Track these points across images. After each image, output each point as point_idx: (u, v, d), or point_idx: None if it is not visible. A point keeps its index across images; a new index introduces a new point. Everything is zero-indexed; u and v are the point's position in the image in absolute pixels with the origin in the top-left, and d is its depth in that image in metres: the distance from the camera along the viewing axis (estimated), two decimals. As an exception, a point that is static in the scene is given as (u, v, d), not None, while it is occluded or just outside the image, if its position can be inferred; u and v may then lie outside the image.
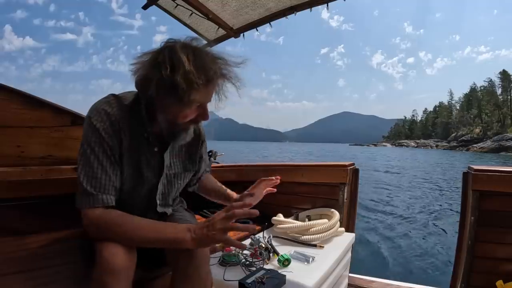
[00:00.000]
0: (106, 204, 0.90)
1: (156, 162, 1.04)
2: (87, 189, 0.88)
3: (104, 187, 0.91)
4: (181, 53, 0.84)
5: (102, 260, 0.81)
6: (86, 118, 0.94)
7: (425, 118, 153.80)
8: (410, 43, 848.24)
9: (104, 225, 0.87)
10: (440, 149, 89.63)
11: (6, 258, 1.09)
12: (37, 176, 1.41)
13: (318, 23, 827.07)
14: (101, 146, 0.91)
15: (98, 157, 0.91)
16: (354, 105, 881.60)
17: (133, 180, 1.00)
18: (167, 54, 0.85)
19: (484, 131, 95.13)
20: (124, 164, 0.96)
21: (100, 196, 0.89)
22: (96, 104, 0.95)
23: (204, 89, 0.88)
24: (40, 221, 1.38)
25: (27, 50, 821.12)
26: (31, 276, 0.97)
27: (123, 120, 0.94)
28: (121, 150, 0.95)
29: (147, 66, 0.88)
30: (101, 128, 0.91)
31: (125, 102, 0.97)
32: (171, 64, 0.83)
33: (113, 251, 0.82)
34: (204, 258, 0.98)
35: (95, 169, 0.90)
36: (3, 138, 1.41)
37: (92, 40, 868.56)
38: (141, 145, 0.99)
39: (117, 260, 0.81)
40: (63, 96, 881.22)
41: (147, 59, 0.89)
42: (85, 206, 0.89)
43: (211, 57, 0.91)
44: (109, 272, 0.79)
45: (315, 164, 1.97)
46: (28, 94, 1.49)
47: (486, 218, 1.44)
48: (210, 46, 2.22)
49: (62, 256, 1.13)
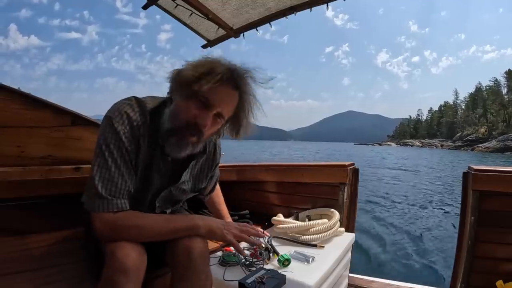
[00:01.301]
0: (120, 209, 0.91)
1: (167, 171, 1.05)
2: (102, 193, 0.88)
3: (119, 191, 0.91)
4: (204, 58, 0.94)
5: (114, 260, 0.82)
6: (106, 117, 0.93)
7: (430, 117, 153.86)
8: (415, 42, 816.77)
9: (120, 228, 0.89)
10: (445, 149, 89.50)
11: (7, 258, 1.10)
12: (37, 176, 1.42)
13: (323, 21, 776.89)
14: (120, 149, 0.91)
15: (116, 161, 0.91)
16: (359, 104, 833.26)
17: (141, 184, 1.01)
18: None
19: (490, 131, 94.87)
20: (137, 167, 0.97)
21: (115, 201, 0.90)
22: (118, 105, 0.95)
23: (210, 84, 0.90)
24: (40, 221, 1.39)
25: (32, 49, 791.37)
26: (31, 276, 0.98)
27: (143, 126, 0.95)
28: (138, 155, 0.96)
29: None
30: (122, 132, 0.91)
31: (147, 107, 0.97)
32: (191, 64, 0.93)
33: (126, 251, 0.84)
34: (203, 258, 0.99)
35: (112, 173, 0.90)
36: (3, 138, 1.42)
37: (96, 39, 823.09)
38: (156, 151, 0.99)
39: (130, 260, 0.83)
40: (68, 94, 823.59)
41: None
42: (99, 210, 0.89)
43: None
44: (121, 272, 0.80)
45: (315, 164, 1.98)
46: (28, 94, 1.51)
47: (486, 218, 1.45)
48: (211, 46, 2.24)
49: (63, 256, 1.14)
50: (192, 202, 1.42)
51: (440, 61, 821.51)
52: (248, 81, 0.97)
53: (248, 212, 1.98)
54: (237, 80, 0.95)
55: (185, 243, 0.98)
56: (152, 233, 0.92)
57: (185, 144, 0.96)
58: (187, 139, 0.95)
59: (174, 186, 1.09)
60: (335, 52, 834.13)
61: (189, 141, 0.96)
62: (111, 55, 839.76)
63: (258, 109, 1.03)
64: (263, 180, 2.11)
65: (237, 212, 1.91)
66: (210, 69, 0.90)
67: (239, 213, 1.93)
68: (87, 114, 1.24)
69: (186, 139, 0.95)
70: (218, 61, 0.94)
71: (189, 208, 1.36)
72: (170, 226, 0.94)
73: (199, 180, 1.20)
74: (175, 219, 0.97)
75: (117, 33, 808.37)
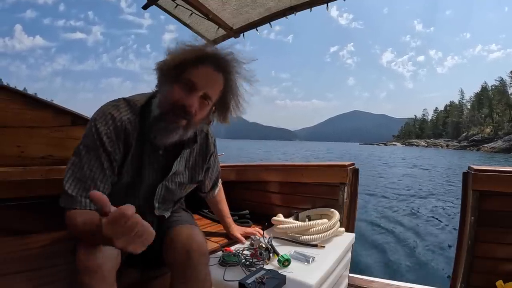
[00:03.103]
0: (83, 207, 0.89)
1: (159, 165, 1.06)
2: (67, 190, 0.89)
3: (87, 191, 0.90)
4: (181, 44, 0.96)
5: (77, 261, 0.81)
6: (91, 119, 0.96)
7: (435, 117, 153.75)
8: (420, 41, 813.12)
9: (70, 227, 0.88)
10: (451, 149, 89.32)
11: (6, 258, 1.10)
12: (37, 176, 1.43)
13: (327, 21, 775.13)
14: (96, 150, 0.92)
15: (90, 161, 0.91)
16: (364, 104, 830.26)
17: (131, 180, 1.02)
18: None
19: (495, 131, 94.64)
20: (127, 164, 0.99)
21: (80, 199, 0.89)
22: (103, 107, 0.97)
23: (193, 67, 0.93)
24: (40, 221, 1.39)
25: (37, 49, 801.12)
26: (31, 276, 0.99)
27: (132, 123, 0.97)
28: (127, 154, 0.97)
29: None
30: (103, 132, 0.92)
31: (136, 105, 0.99)
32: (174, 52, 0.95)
33: (88, 250, 0.82)
34: (203, 258, 1.00)
35: (83, 172, 0.90)
36: (3, 138, 1.43)
37: (101, 39, 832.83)
38: (146, 146, 1.01)
39: (92, 260, 0.80)
40: (74, 94, 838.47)
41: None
42: (64, 207, 0.89)
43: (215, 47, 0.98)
44: (86, 273, 0.79)
45: (315, 164, 2.00)
46: (28, 94, 1.53)
47: (486, 218, 1.47)
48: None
49: (63, 256, 1.14)
50: (192, 201, 1.44)
51: (446, 61, 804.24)
52: (233, 63, 0.98)
53: (248, 212, 2.00)
54: (220, 61, 0.96)
55: (184, 243, 1.00)
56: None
57: (174, 128, 0.96)
58: (177, 123, 0.95)
59: (168, 179, 1.09)
60: (340, 52, 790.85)
61: (178, 125, 0.96)
62: (116, 55, 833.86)
63: (244, 94, 1.04)
64: (263, 180, 2.13)
65: (237, 212, 1.93)
66: (193, 53, 0.93)
67: (239, 213, 1.95)
68: (92, 114, 1.28)
69: (175, 123, 0.95)
70: (201, 45, 0.96)
71: (187, 207, 1.37)
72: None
73: (196, 172, 1.20)
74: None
75: (122, 33, 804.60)
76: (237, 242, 1.53)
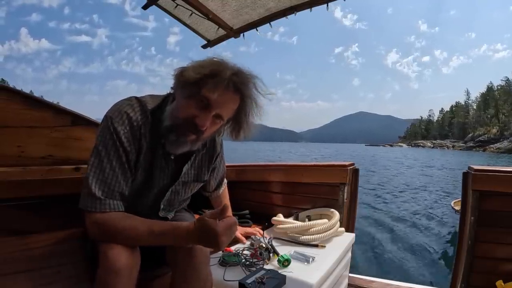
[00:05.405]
0: (113, 209, 0.92)
1: (170, 169, 1.08)
2: (95, 192, 0.90)
3: (113, 192, 0.93)
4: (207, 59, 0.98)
5: (106, 260, 0.84)
6: (105, 117, 0.96)
7: (441, 118, 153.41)
8: (425, 41, 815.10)
9: (108, 230, 0.90)
10: (457, 150, 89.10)
11: (7, 258, 1.11)
12: (37, 176, 1.44)
13: (332, 22, 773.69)
14: (117, 150, 0.93)
15: (111, 162, 0.93)
16: (369, 105, 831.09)
17: (143, 183, 1.04)
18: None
19: (501, 131, 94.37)
20: (138, 167, 1.00)
21: (108, 201, 0.92)
22: (118, 106, 0.97)
23: (211, 85, 0.91)
24: (40, 221, 1.40)
25: (43, 52, 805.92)
26: (31, 276, 1.00)
27: (144, 125, 0.98)
28: (139, 155, 0.99)
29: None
30: (121, 132, 0.93)
31: (148, 107, 1.00)
32: (195, 64, 0.96)
33: (117, 251, 0.85)
34: (204, 258, 1.02)
35: (106, 174, 0.92)
36: (3, 138, 1.43)
37: (106, 42, 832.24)
38: (158, 150, 1.03)
39: (121, 260, 0.84)
40: (80, 97, 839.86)
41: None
42: (91, 209, 0.91)
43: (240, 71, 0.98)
44: (112, 272, 0.83)
45: (315, 164, 2.02)
46: (28, 94, 1.53)
47: (486, 218, 1.49)
48: (211, 46, 2.28)
49: (63, 256, 1.16)
50: (192, 201, 1.46)
51: (451, 61, 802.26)
52: (251, 86, 0.99)
53: (248, 212, 2.02)
54: (239, 84, 0.96)
55: None
56: (138, 243, 0.93)
57: (184, 141, 0.98)
58: (186, 137, 0.97)
59: (177, 183, 1.12)
60: (344, 52, 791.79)
61: (187, 139, 0.98)
62: (121, 58, 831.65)
63: (259, 115, 1.06)
64: (263, 180, 2.15)
65: (237, 212, 1.95)
66: (214, 71, 0.92)
67: (239, 213, 1.97)
68: (99, 116, 1.26)
69: (185, 136, 0.97)
70: (222, 63, 0.96)
71: (188, 207, 1.39)
72: (155, 241, 0.92)
73: (201, 171, 1.22)
74: (162, 234, 0.92)
75: (127, 36, 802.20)
76: (237, 242, 1.55)
